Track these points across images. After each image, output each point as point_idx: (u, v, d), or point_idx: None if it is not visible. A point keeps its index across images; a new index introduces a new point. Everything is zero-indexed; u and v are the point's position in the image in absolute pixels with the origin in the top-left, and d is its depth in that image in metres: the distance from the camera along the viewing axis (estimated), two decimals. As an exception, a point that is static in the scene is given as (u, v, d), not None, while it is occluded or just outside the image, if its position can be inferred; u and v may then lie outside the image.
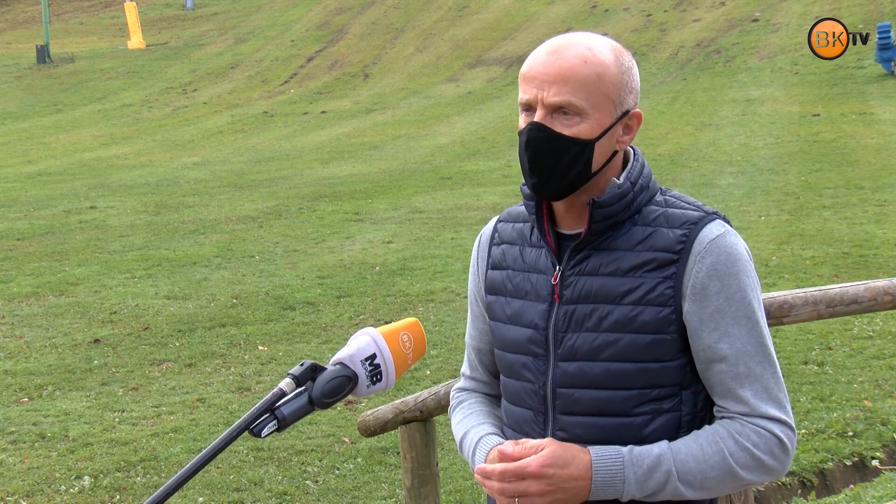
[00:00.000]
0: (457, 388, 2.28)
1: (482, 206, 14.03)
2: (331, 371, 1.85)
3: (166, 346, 8.30)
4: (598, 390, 1.96)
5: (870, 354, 7.16)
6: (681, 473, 1.88)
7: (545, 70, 1.92)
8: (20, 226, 14.34)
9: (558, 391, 1.99)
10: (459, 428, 2.16)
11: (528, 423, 2.04)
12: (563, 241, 2.02)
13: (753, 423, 1.91)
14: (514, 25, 35.62)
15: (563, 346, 1.99)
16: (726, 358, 1.91)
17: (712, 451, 1.89)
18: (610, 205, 1.95)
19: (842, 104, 21.72)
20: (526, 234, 2.08)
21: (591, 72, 1.90)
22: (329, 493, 5.52)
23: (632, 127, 1.98)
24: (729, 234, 1.94)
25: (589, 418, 1.97)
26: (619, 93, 1.94)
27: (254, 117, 28.61)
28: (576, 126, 1.91)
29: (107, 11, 49.02)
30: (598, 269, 1.96)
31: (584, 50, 1.92)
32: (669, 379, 1.95)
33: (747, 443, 1.90)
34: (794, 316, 3.13)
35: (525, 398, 2.05)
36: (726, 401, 1.94)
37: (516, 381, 2.07)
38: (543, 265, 2.03)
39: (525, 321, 2.04)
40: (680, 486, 1.89)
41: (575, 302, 1.98)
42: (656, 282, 1.92)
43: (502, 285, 2.09)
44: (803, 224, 11.57)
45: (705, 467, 1.89)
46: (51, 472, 5.89)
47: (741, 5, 33.22)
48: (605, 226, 1.96)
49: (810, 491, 5.33)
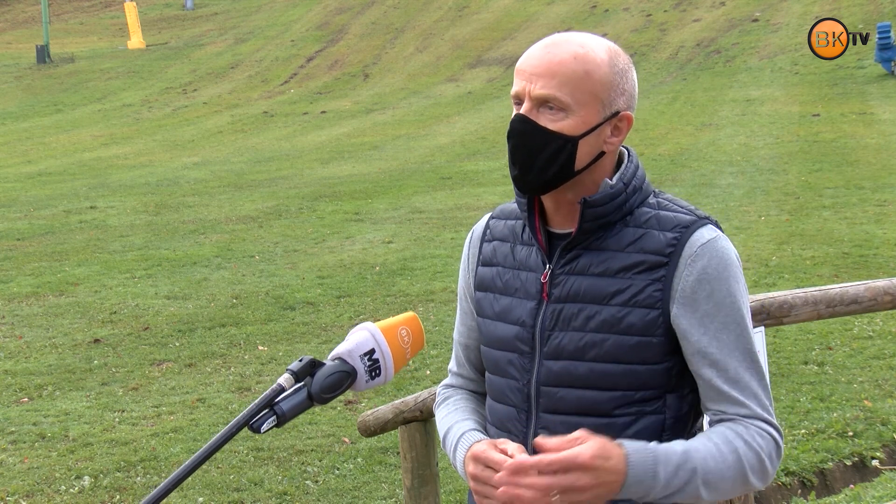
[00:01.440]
0: (443, 385, 2.28)
1: (482, 206, 14.02)
2: (330, 366, 1.85)
3: (166, 346, 8.30)
4: (582, 390, 1.95)
5: (870, 354, 7.16)
6: (703, 472, 1.85)
7: (535, 64, 1.93)
8: (20, 226, 14.34)
9: (542, 389, 1.99)
10: (443, 423, 2.15)
11: (512, 420, 2.04)
12: (554, 240, 2.02)
13: (755, 426, 1.91)
14: (514, 25, 35.61)
15: (549, 344, 1.98)
16: (716, 362, 1.91)
17: (727, 450, 1.88)
18: (602, 205, 1.94)
19: (842, 104, 21.73)
20: (517, 232, 2.08)
21: (579, 68, 1.90)
22: (329, 493, 5.52)
23: (621, 129, 1.96)
24: (720, 238, 1.94)
25: (572, 417, 1.95)
26: (609, 93, 1.93)
27: (254, 117, 28.62)
28: (560, 121, 1.91)
29: (107, 11, 49.02)
30: (587, 269, 1.96)
31: (576, 47, 1.92)
32: (654, 382, 1.94)
33: (755, 444, 1.89)
34: (794, 316, 3.13)
35: (509, 395, 2.04)
36: (721, 404, 1.93)
37: (501, 377, 2.06)
38: (534, 263, 2.03)
39: (513, 318, 2.03)
40: (700, 486, 1.86)
41: (563, 301, 1.98)
42: (645, 284, 1.92)
43: (492, 282, 2.09)
44: (803, 224, 11.57)
45: (723, 467, 1.87)
46: (51, 472, 5.89)
47: (741, 5, 33.22)
48: (596, 225, 1.96)
49: (810, 491, 5.33)
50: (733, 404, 1.92)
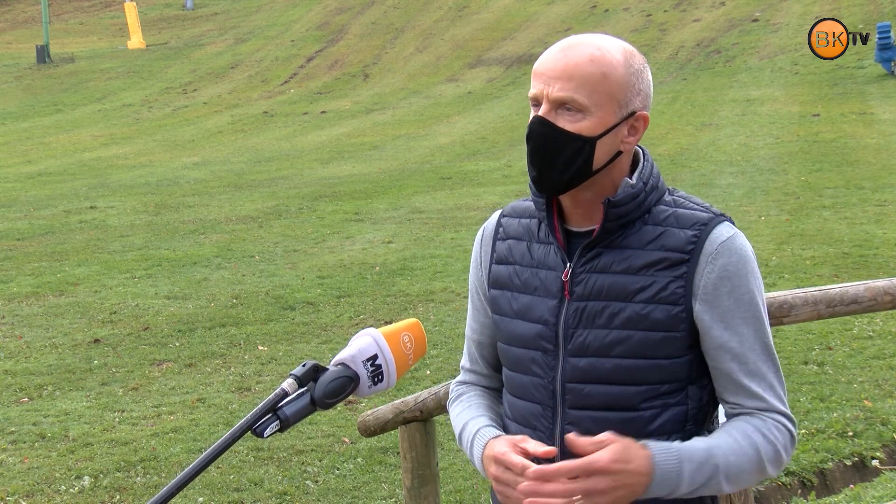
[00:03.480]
0: (456, 382, 2.30)
1: (482, 206, 14.02)
2: (333, 372, 1.86)
3: (166, 346, 8.30)
4: (608, 385, 2.00)
5: (870, 354, 7.16)
6: (724, 468, 1.92)
7: (553, 66, 1.96)
8: (20, 226, 14.34)
9: (568, 386, 2.02)
10: (458, 420, 2.17)
11: (537, 417, 2.06)
12: (572, 238, 2.05)
13: (772, 419, 1.98)
14: (514, 25, 35.61)
15: (573, 341, 2.02)
16: (737, 356, 1.97)
17: (747, 444, 1.94)
18: (624, 204, 1.99)
19: (842, 104, 21.73)
20: (533, 230, 2.10)
21: (596, 70, 1.94)
22: (329, 493, 5.52)
23: (638, 128, 2.00)
24: (738, 236, 2.00)
25: (598, 412, 2.00)
26: (626, 93, 1.96)
27: (254, 117, 28.61)
28: (578, 122, 1.95)
29: (107, 11, 49.02)
30: (609, 267, 2.00)
31: (593, 49, 1.96)
32: (678, 374, 1.99)
33: (772, 437, 1.97)
34: (794, 316, 3.13)
35: (533, 392, 2.07)
36: (739, 397, 1.99)
37: (524, 375, 2.09)
38: (553, 261, 2.05)
39: (534, 316, 2.06)
40: (722, 481, 1.93)
41: (586, 299, 2.01)
42: (668, 280, 1.97)
43: (509, 280, 2.11)
44: (803, 224, 11.57)
45: (743, 461, 1.94)
46: (51, 472, 5.89)
47: (741, 5, 33.21)
48: (617, 224, 2.00)
49: (810, 491, 5.33)
50: (751, 398, 1.99)
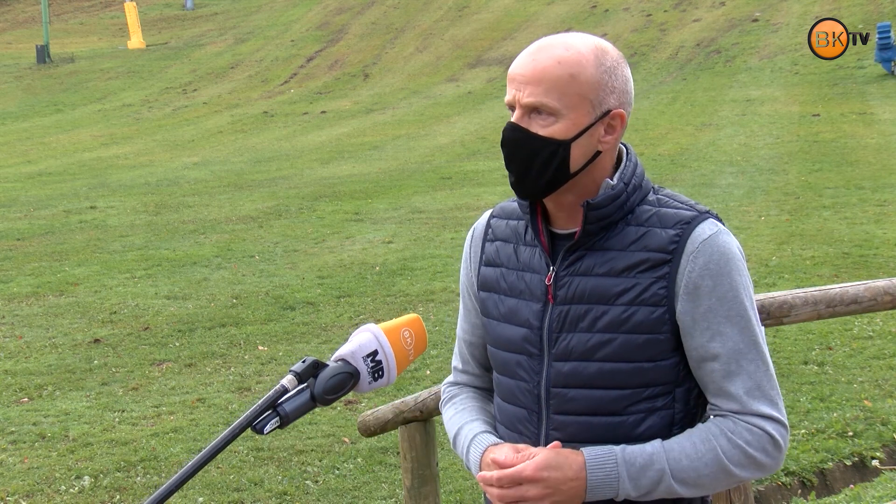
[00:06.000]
0: (448, 382, 2.29)
1: (482, 206, 14.01)
2: (333, 367, 1.86)
3: (166, 346, 8.30)
4: (592, 390, 1.97)
5: (870, 354, 7.16)
6: (674, 471, 1.90)
7: (523, 71, 1.95)
8: (20, 226, 14.34)
9: (552, 390, 2.01)
10: (452, 424, 2.17)
11: (522, 421, 2.05)
12: (557, 241, 2.03)
13: (746, 421, 1.93)
14: (514, 25, 35.61)
15: (557, 346, 2.00)
16: (718, 356, 1.93)
17: (705, 448, 1.91)
18: (604, 206, 1.96)
19: (842, 104, 21.72)
20: (520, 232, 2.09)
21: (563, 73, 1.91)
22: (329, 493, 5.52)
23: (615, 127, 1.97)
24: (721, 233, 1.95)
25: (583, 417, 1.98)
26: (598, 93, 1.93)
27: (254, 117, 28.61)
28: (551, 126, 1.93)
29: (107, 11, 49.02)
30: (591, 270, 1.97)
31: (560, 51, 1.93)
32: (663, 377, 1.96)
33: (740, 440, 1.92)
34: (794, 316, 3.13)
35: (519, 396, 2.06)
36: (719, 399, 1.96)
37: (510, 378, 2.08)
38: (537, 264, 2.04)
39: (519, 320, 2.04)
40: (674, 484, 1.91)
41: (569, 302, 1.99)
42: (650, 282, 1.94)
43: (496, 283, 2.10)
44: (803, 224, 11.57)
45: (699, 465, 1.91)
46: (51, 472, 5.89)
47: (741, 5, 33.20)
48: (599, 227, 1.97)
49: (810, 491, 5.33)
50: (729, 399, 1.94)
